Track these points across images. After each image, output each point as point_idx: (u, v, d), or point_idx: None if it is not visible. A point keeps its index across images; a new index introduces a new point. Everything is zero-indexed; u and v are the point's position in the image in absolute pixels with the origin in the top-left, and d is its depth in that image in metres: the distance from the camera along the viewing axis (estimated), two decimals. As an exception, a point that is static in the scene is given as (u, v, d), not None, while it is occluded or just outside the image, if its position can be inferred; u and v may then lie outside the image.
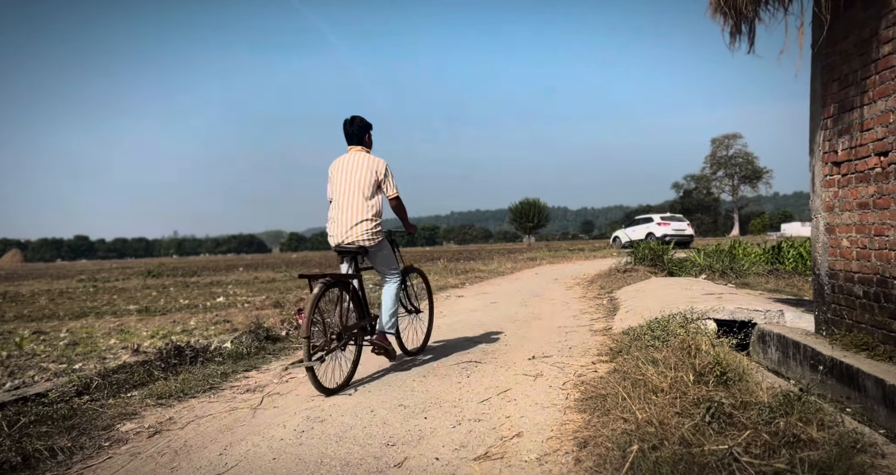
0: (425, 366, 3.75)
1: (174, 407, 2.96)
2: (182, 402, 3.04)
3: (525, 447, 2.27)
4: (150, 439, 2.49)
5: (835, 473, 1.58)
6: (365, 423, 2.61)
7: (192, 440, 2.46)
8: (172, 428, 2.63)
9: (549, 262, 16.85)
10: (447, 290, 9.04)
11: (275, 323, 5.16)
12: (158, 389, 3.16)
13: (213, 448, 2.35)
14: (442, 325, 5.44)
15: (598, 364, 3.57)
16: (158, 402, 2.99)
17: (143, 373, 3.42)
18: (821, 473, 1.59)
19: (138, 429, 2.60)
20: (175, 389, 3.17)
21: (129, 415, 2.80)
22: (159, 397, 3.05)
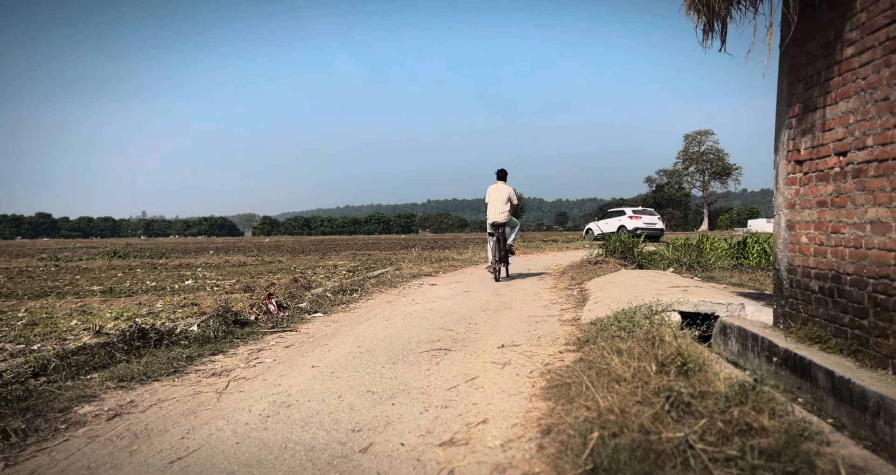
0: (395, 352, 3.76)
1: (136, 390, 2.90)
2: (144, 386, 2.98)
3: (490, 433, 2.30)
4: (110, 422, 2.44)
5: (782, 459, 1.65)
6: (332, 409, 2.61)
7: (153, 423, 2.42)
8: (133, 411, 2.58)
9: (523, 253, 17.00)
10: (420, 278, 9.05)
11: (244, 307, 5.09)
12: (120, 372, 3.09)
13: (175, 432, 2.32)
14: (414, 313, 5.45)
15: (566, 353, 3.64)
16: (119, 385, 2.93)
17: (105, 355, 3.34)
18: (769, 460, 1.66)
19: (97, 412, 2.55)
20: (137, 372, 3.11)
21: (88, 398, 2.74)
22: (121, 380, 2.98)
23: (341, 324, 4.90)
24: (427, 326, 4.71)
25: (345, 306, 6.00)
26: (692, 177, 71.58)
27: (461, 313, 5.39)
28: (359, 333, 4.47)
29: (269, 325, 4.74)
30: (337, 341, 4.19)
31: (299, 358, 3.67)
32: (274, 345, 4.08)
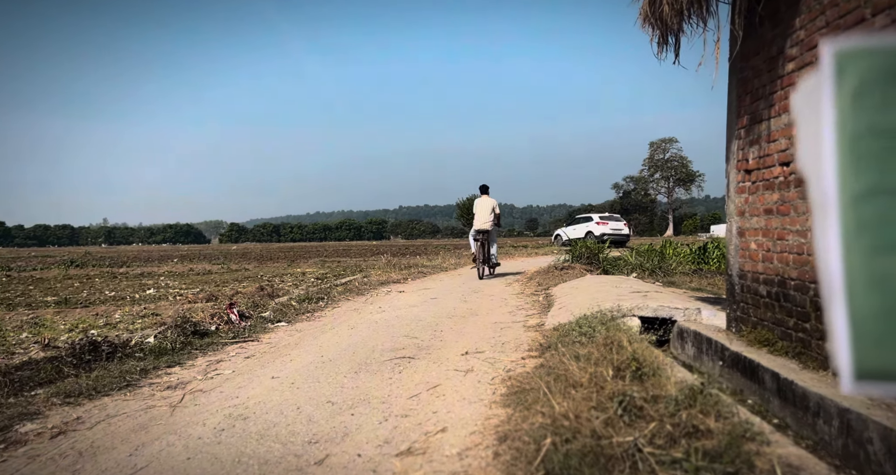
0: (358, 361, 3.73)
1: (84, 406, 2.80)
2: (93, 401, 2.88)
3: (448, 442, 2.30)
4: (53, 440, 2.35)
5: (724, 460, 1.70)
6: (289, 421, 2.57)
7: (100, 441, 2.34)
8: (80, 428, 2.49)
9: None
10: (388, 286, 9.01)
11: (204, 317, 4.97)
12: (67, 387, 2.98)
13: (123, 448, 2.25)
14: (380, 321, 5.42)
15: (528, 359, 3.67)
16: (66, 401, 2.82)
17: (52, 369, 3.21)
18: (712, 461, 1.71)
19: (40, 430, 2.45)
20: (86, 387, 3.00)
21: (31, 415, 2.62)
22: (67, 395, 2.87)
23: (305, 334, 4.84)
24: (392, 334, 4.69)
25: (310, 315, 5.93)
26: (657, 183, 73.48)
27: (427, 320, 5.39)
28: (322, 342, 4.42)
29: (231, 336, 4.65)
30: (299, 351, 4.13)
31: (259, 369, 3.61)
32: (234, 356, 4.00)
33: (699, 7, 3.13)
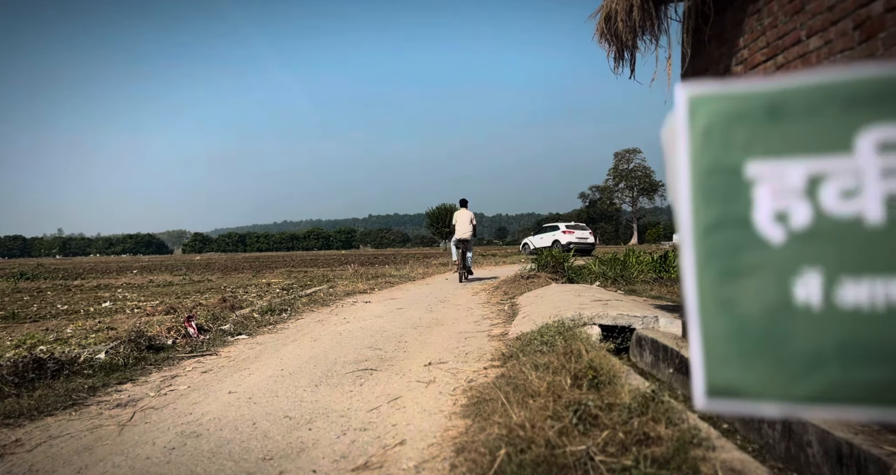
0: (319, 374, 3.67)
1: (24, 427, 2.67)
2: (35, 422, 2.74)
3: (406, 455, 2.29)
4: (-11, 465, 2.23)
5: (671, 467, 1.74)
6: (244, 437, 2.51)
7: (40, 463, 2.23)
8: (18, 451, 2.37)
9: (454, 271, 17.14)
10: (355, 296, 8.92)
11: (160, 330, 4.82)
12: (6, 408, 2.83)
13: (65, 471, 2.15)
14: (344, 332, 5.36)
15: (490, 369, 3.69)
16: (4, 423, 2.68)
17: (-9, 390, 3.05)
18: (660, 467, 1.75)
19: (-25, 455, 2.32)
20: (27, 407, 2.86)
21: (-34, 439, 2.49)
22: (6, 417, 2.73)
23: (266, 346, 4.74)
24: (356, 346, 4.64)
25: (272, 327, 5.81)
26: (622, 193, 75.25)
27: (392, 331, 5.35)
28: (283, 355, 4.34)
29: (188, 350, 4.51)
30: (259, 364, 4.05)
31: (216, 383, 3.51)
32: (190, 371, 3.88)
33: (651, 25, 3.24)
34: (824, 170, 0.34)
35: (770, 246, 0.34)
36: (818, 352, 0.33)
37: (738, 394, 0.34)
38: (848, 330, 0.33)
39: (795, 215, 0.35)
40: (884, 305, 0.32)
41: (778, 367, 0.33)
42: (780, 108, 0.35)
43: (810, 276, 0.34)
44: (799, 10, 2.33)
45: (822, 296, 0.33)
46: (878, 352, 0.32)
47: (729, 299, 0.34)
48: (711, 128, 0.36)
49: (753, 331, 0.34)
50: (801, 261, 0.34)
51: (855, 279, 0.33)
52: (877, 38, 1.88)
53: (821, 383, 0.33)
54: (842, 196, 0.33)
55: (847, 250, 0.33)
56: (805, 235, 0.34)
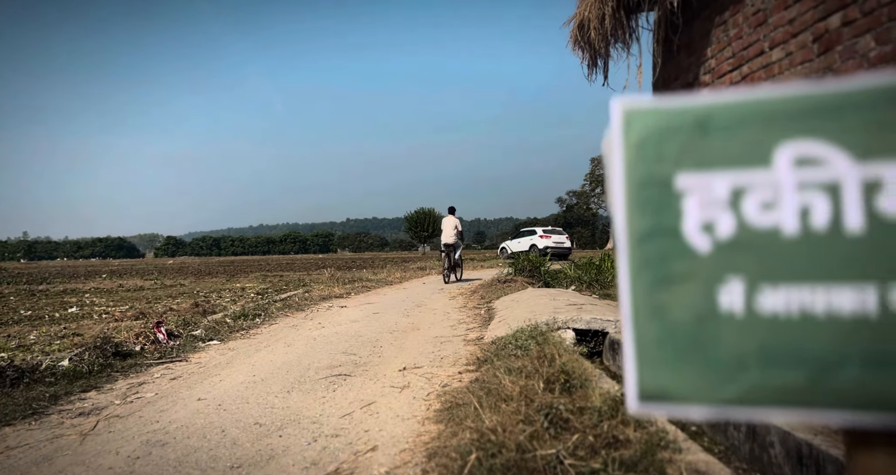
0: (292, 380, 3.62)
1: (-20, 438, 2.57)
2: (-8, 432, 2.65)
3: (378, 461, 2.27)
4: (-59, 478, 2.14)
5: (638, 469, 1.76)
6: (212, 445, 2.46)
7: (-5, 476, 2.15)
8: (-28, 463, 2.28)
9: (439, 273, 17.14)
10: (330, 301, 8.84)
11: (128, 336, 4.70)
12: (-38, 418, 2.73)
13: (22, 483, 2.08)
14: (318, 337, 5.30)
15: (465, 374, 3.69)
16: (-40, 434, 2.58)
17: (-54, 399, 2.93)
18: (628, 470, 1.77)
19: (-74, 467, 2.23)
20: (-15, 417, 2.76)
21: (-82, 451, 2.38)
22: (-38, 427, 2.63)
23: (238, 352, 4.66)
24: (330, 351, 4.60)
25: (245, 332, 5.72)
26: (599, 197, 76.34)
27: (368, 336, 5.32)
28: (255, 361, 4.27)
29: (157, 356, 4.41)
30: (230, 370, 3.98)
31: (185, 390, 3.44)
32: (158, 378, 3.79)
33: (623, 33, 3.30)
34: (746, 182, 0.36)
35: (697, 255, 0.36)
36: (740, 357, 0.34)
37: (668, 397, 0.35)
38: (767, 335, 0.34)
39: (720, 226, 0.36)
40: (798, 312, 0.34)
41: (704, 372, 0.35)
42: (707, 122, 0.36)
43: (733, 284, 0.35)
44: (762, 22, 2.40)
45: (743, 303, 0.35)
46: (793, 356, 0.34)
47: (660, 306, 0.35)
48: (644, 141, 0.37)
49: (682, 337, 0.35)
50: (725, 269, 0.35)
51: (773, 287, 0.35)
52: (834, 50, 1.95)
53: (743, 387, 0.34)
54: (761, 208, 0.35)
55: (766, 260, 0.35)
56: (729, 245, 0.35)
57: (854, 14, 1.82)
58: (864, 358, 0.32)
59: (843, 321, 0.33)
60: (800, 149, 0.35)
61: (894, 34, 1.64)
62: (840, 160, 0.34)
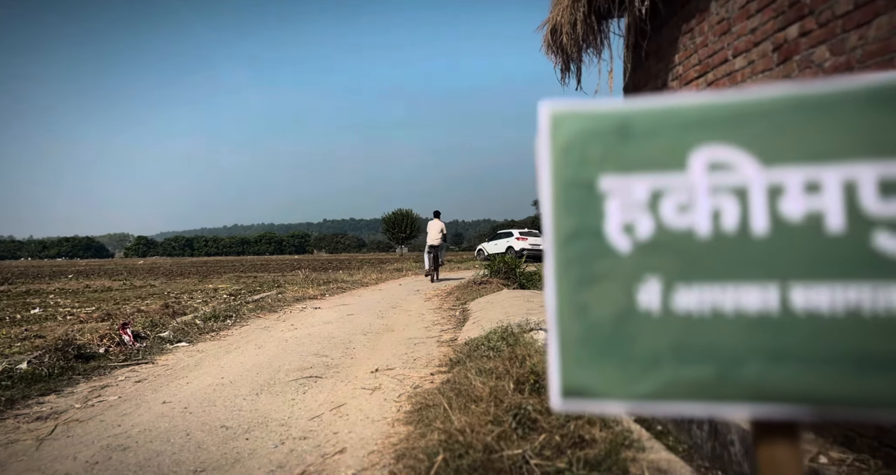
0: (261, 382, 3.57)
1: (-71, 444, 2.47)
2: (-58, 438, 2.55)
3: (345, 463, 2.25)
4: None
5: (602, 468, 1.79)
6: (176, 449, 2.41)
7: (-56, 483, 2.07)
8: (-80, 470, 2.19)
9: (415, 274, 17.11)
10: (304, 302, 8.74)
11: (92, 338, 4.57)
12: (-90, 424, 2.62)
13: (-28, 491, 2.00)
14: (290, 339, 5.24)
15: (437, 375, 3.69)
16: None
17: None
18: (592, 469, 1.80)
19: None
20: (-65, 422, 2.65)
21: None
22: None
23: (207, 354, 4.57)
24: (301, 353, 4.55)
25: (215, 334, 5.62)
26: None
27: (340, 338, 5.27)
28: (225, 363, 4.20)
29: (122, 358, 4.30)
30: (198, 373, 3.90)
31: (150, 393, 3.36)
32: (123, 381, 3.70)
33: (594, 39, 3.35)
34: (664, 186, 0.37)
35: (619, 255, 0.37)
36: (655, 354, 0.35)
37: (589, 394, 0.36)
38: (680, 333, 0.35)
39: (640, 227, 0.37)
40: (709, 310, 0.35)
41: (622, 368, 0.36)
42: (628, 128, 0.37)
43: (651, 284, 0.36)
44: (726, 31, 2.46)
45: (660, 302, 0.36)
46: (703, 352, 0.35)
47: (583, 305, 0.36)
48: (570, 144, 0.38)
49: (603, 334, 0.36)
50: (644, 269, 0.36)
51: (687, 286, 0.36)
52: (792, 60, 2.01)
53: (657, 382, 0.35)
54: (677, 210, 0.36)
55: (681, 260, 0.36)
56: (647, 246, 0.37)
57: (811, 25, 1.88)
58: (767, 353, 0.34)
59: (748, 318, 0.35)
60: (713, 154, 0.36)
61: (847, 45, 1.71)
62: (748, 165, 0.35)
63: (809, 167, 0.35)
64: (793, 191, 0.34)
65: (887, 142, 0.34)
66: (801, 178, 0.34)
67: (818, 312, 0.34)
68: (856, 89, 0.35)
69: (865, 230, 0.35)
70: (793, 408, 0.32)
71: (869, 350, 0.34)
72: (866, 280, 0.35)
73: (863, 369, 0.34)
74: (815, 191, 0.35)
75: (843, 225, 0.35)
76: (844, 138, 0.34)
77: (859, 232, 0.35)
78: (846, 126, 0.35)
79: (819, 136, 0.35)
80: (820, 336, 0.34)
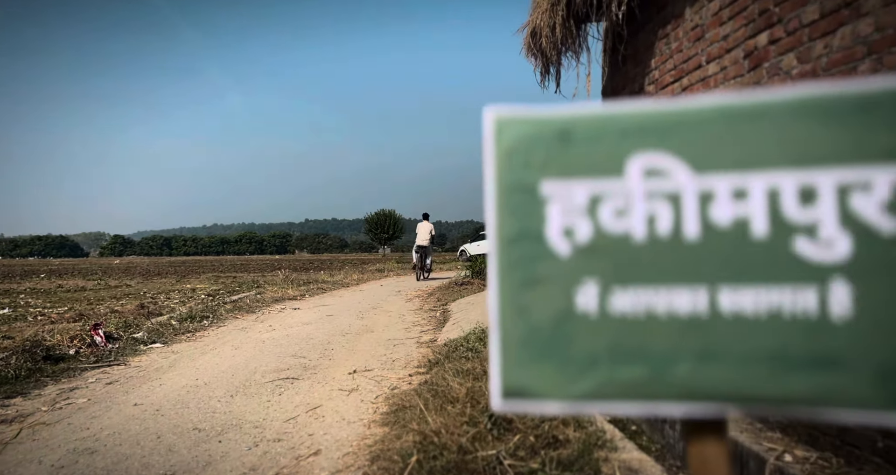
0: (237, 384, 3.53)
1: None
2: None
3: (320, 465, 2.24)
4: None
5: (575, 468, 1.80)
6: (145, 452, 2.36)
7: None
8: None
9: (397, 274, 17.08)
10: (283, 303, 8.65)
11: (63, 339, 4.46)
12: None
13: (-70, 497, 1.94)
14: (267, 340, 5.18)
15: (415, 376, 3.68)
16: None
17: None
18: (565, 469, 1.81)
19: None
20: None
21: None
22: None
23: (182, 355, 4.50)
24: (279, 354, 4.50)
25: (191, 335, 5.53)
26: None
27: (319, 339, 5.24)
28: (200, 365, 4.14)
29: (93, 360, 4.21)
30: (172, 374, 3.83)
31: (121, 395, 3.30)
32: (93, 383, 3.62)
33: (573, 42, 3.38)
34: (602, 191, 0.39)
35: (559, 258, 0.38)
36: (592, 355, 0.37)
37: (528, 394, 0.37)
38: (616, 334, 0.37)
39: (579, 231, 0.39)
40: (644, 312, 0.37)
41: (560, 369, 0.37)
42: (569, 133, 0.38)
43: (589, 286, 0.38)
44: (700, 37, 2.51)
45: (597, 304, 0.37)
46: (637, 353, 0.36)
47: (524, 307, 0.37)
48: (514, 149, 0.39)
49: (542, 336, 0.37)
50: (582, 272, 0.37)
51: (623, 289, 0.37)
52: (762, 67, 2.06)
53: (593, 383, 0.36)
54: (615, 215, 0.38)
55: (618, 263, 0.37)
56: (586, 249, 0.38)
57: (779, 33, 1.93)
58: (696, 354, 0.35)
59: (680, 320, 0.36)
60: (648, 160, 0.37)
61: (814, 54, 1.75)
62: (681, 172, 0.37)
63: (737, 175, 0.37)
64: (722, 197, 0.36)
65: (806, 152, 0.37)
66: (729, 185, 0.36)
67: (743, 314, 0.36)
68: (780, 101, 0.37)
69: (786, 235, 0.37)
70: (720, 406, 0.34)
71: (788, 350, 0.36)
72: (787, 283, 0.37)
73: (783, 368, 0.36)
74: (743, 197, 0.37)
75: (766, 230, 0.37)
76: (768, 148, 0.36)
77: (781, 237, 0.37)
78: (770, 136, 0.37)
79: (746, 146, 0.37)
80: (745, 337, 0.36)
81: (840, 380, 0.36)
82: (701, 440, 0.37)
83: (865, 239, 0.36)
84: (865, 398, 0.36)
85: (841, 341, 0.36)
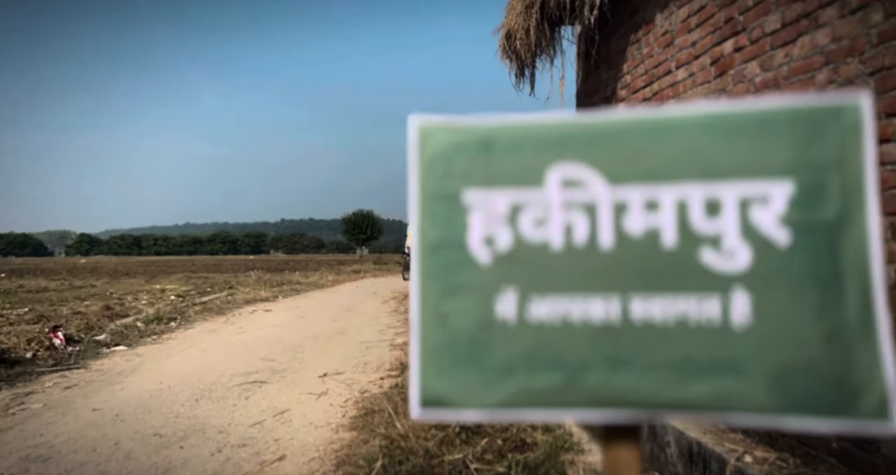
0: (202, 388, 3.44)
1: None
2: None
3: (284, 470, 2.19)
4: None
5: (541, 471, 1.80)
6: (102, 459, 2.28)
7: None
8: None
9: (374, 275, 17.00)
10: (255, 304, 8.51)
11: (19, 342, 4.29)
12: None
13: None
14: (237, 343, 5.08)
15: (387, 379, 3.64)
16: None
17: None
18: (531, 472, 1.81)
19: None
20: None
21: None
22: None
23: (146, 358, 4.37)
24: (248, 357, 4.41)
25: (157, 337, 5.39)
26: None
27: (290, 341, 5.15)
28: (165, 368, 4.03)
29: (51, 363, 4.06)
30: (135, 378, 3.72)
31: (80, 400, 3.18)
32: (50, 387, 3.49)
33: (547, 45, 3.40)
34: (523, 200, 0.40)
35: (479, 267, 0.39)
36: (510, 363, 0.37)
37: (446, 403, 0.37)
38: (533, 342, 0.37)
39: (500, 240, 0.39)
40: (560, 320, 0.37)
41: (478, 377, 0.37)
42: (491, 143, 0.39)
43: (509, 295, 0.38)
44: (670, 43, 2.54)
45: (516, 312, 0.38)
46: (553, 360, 0.37)
47: (444, 315, 0.37)
48: (436, 157, 0.40)
49: (461, 344, 0.37)
50: (502, 280, 0.38)
51: (541, 297, 0.38)
52: (728, 74, 2.09)
53: (510, 390, 0.37)
54: (534, 224, 0.39)
55: (536, 272, 0.38)
56: (506, 258, 0.39)
57: (743, 41, 1.96)
58: (608, 361, 0.36)
59: (593, 328, 0.37)
60: (566, 171, 0.39)
61: (775, 62, 1.79)
62: (597, 183, 0.38)
63: (649, 187, 0.38)
64: (635, 208, 0.37)
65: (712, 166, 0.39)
66: (642, 197, 0.38)
67: (653, 322, 0.38)
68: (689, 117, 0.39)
69: (693, 246, 0.39)
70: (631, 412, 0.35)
71: (692, 357, 0.38)
72: (693, 292, 0.38)
73: (687, 375, 0.38)
74: (654, 209, 0.39)
75: (675, 241, 0.39)
76: (678, 161, 0.39)
77: (689, 248, 0.39)
78: (680, 150, 0.39)
79: (657, 158, 0.39)
80: (654, 345, 0.38)
81: (738, 386, 0.37)
82: (616, 445, 0.39)
83: (763, 250, 0.38)
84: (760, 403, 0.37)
85: (740, 349, 0.37)
